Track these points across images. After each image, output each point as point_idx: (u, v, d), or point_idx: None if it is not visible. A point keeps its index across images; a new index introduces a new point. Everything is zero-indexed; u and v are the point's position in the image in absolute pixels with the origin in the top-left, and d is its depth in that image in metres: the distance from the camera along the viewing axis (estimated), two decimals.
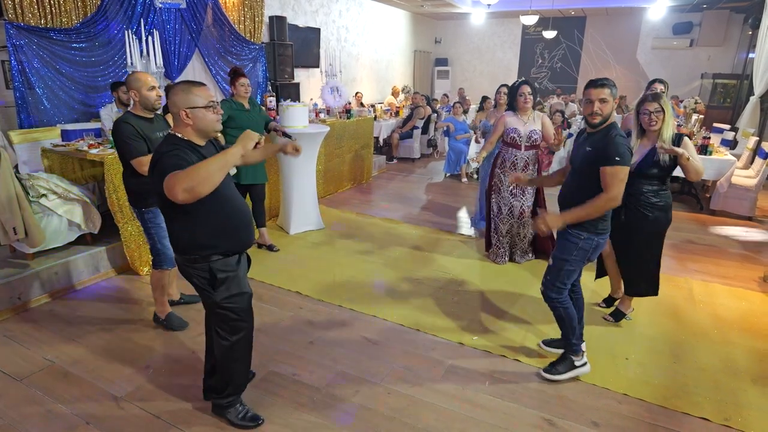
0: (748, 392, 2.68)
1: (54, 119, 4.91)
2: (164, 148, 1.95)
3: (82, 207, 3.83)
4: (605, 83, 2.43)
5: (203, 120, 2.00)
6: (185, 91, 1.98)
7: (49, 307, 3.49)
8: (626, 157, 2.38)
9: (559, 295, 2.63)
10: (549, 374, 2.73)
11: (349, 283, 3.94)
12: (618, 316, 3.39)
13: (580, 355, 2.75)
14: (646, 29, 12.24)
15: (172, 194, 1.78)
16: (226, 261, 2.13)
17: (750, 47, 10.01)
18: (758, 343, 3.18)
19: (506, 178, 4.17)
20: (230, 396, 2.34)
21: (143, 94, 2.82)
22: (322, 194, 6.21)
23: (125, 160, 2.85)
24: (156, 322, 3.25)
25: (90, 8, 5.09)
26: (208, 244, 2.07)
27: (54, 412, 2.45)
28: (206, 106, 1.99)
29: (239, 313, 2.21)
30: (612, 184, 2.37)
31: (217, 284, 2.11)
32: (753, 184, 5.71)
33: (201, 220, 2.03)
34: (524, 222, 4.24)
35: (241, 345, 2.26)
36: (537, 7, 10.95)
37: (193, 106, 1.98)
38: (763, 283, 4.08)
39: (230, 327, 2.21)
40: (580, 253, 2.54)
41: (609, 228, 2.58)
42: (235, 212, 2.13)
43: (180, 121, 2.00)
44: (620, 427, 2.41)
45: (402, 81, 13.03)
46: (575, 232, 2.52)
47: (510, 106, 4.30)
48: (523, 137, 4.06)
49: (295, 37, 8.55)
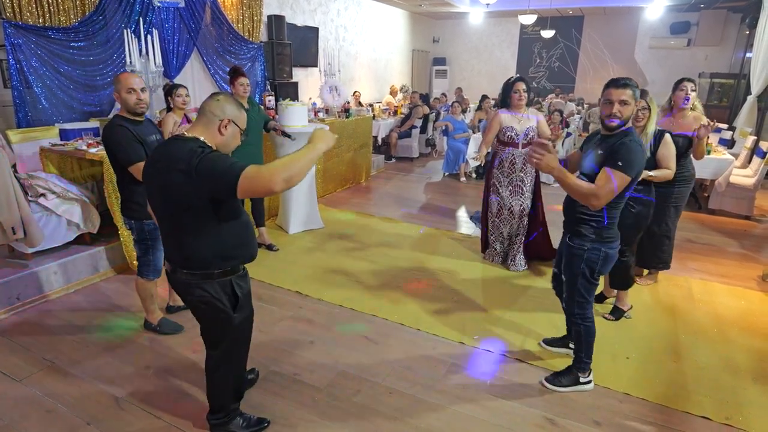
0: (749, 391, 2.69)
1: (52, 118, 4.88)
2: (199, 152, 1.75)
3: (80, 206, 3.81)
4: (628, 83, 2.26)
5: (231, 137, 1.92)
6: (237, 107, 1.93)
7: (48, 307, 3.47)
8: (632, 165, 2.19)
9: (582, 311, 2.52)
10: (552, 385, 2.68)
11: (349, 282, 3.94)
12: (617, 313, 3.40)
13: (587, 372, 2.68)
14: (643, 29, 12.26)
15: (270, 185, 1.66)
16: (243, 275, 2.04)
17: (747, 47, 10.04)
18: (758, 341, 3.19)
19: (505, 178, 4.14)
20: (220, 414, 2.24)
21: (122, 96, 2.68)
22: (321, 194, 6.20)
23: (121, 166, 2.70)
24: (148, 329, 3.17)
25: (88, 7, 5.06)
26: (233, 255, 1.94)
27: (54, 412, 2.44)
28: (241, 130, 1.95)
29: (248, 333, 2.15)
30: (602, 186, 2.18)
31: (239, 303, 2.00)
32: (751, 183, 5.73)
33: (230, 228, 1.91)
34: (523, 221, 4.19)
35: (239, 365, 2.21)
36: (535, 6, 10.95)
37: (236, 122, 1.92)
38: (762, 282, 4.10)
39: (239, 350, 2.15)
40: (589, 265, 2.40)
41: (617, 236, 2.43)
42: (246, 219, 2.04)
43: (216, 126, 1.87)
44: (621, 426, 2.42)
45: (400, 80, 13.03)
46: (577, 242, 2.42)
47: (503, 102, 4.15)
48: (520, 135, 4.02)
49: (294, 37, 8.53)
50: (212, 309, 1.98)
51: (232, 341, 2.10)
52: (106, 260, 3.97)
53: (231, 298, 1.99)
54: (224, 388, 2.20)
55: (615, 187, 2.19)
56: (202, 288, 1.94)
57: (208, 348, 2.14)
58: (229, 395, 2.22)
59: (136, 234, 2.91)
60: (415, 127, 9.06)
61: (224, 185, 1.71)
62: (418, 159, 9.25)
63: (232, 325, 2.03)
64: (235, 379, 2.22)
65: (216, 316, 2.00)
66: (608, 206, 2.31)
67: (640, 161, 2.24)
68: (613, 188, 2.19)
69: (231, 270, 1.97)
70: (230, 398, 2.23)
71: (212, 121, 1.88)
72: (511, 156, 4.07)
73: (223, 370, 2.14)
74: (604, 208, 2.30)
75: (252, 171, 1.69)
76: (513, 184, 4.12)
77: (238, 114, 1.92)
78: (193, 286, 1.94)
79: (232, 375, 2.18)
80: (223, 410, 2.23)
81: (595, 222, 2.37)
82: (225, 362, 2.13)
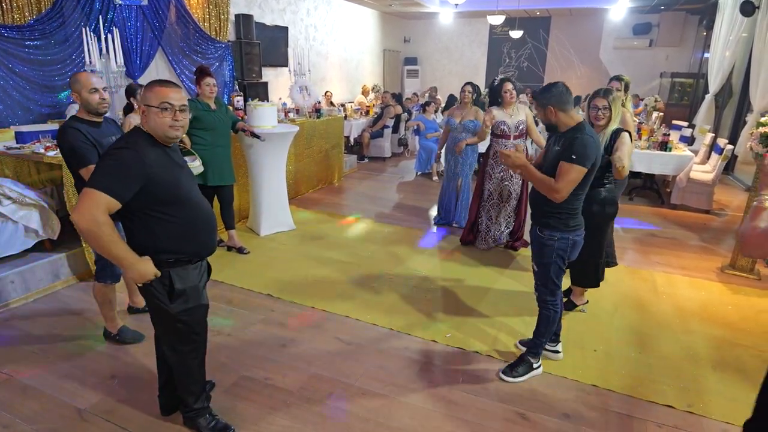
0: (709, 378, 2.79)
1: (7, 120, 4.69)
2: (116, 144, 1.91)
3: (39, 212, 3.66)
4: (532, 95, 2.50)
5: (153, 121, 1.89)
6: (146, 89, 1.92)
7: (5, 318, 3.32)
8: (583, 158, 2.32)
9: (554, 297, 2.66)
10: (509, 377, 2.73)
11: (322, 284, 3.91)
12: (569, 306, 3.47)
13: (538, 358, 2.78)
14: (608, 29, 12.59)
15: (76, 210, 1.76)
16: (186, 271, 2.04)
17: (705, 47, 10.44)
18: (717, 331, 3.32)
19: (498, 165, 4.48)
20: (193, 406, 2.26)
21: (83, 96, 2.60)
22: (293, 195, 6.14)
23: (74, 169, 2.65)
24: (107, 338, 3.07)
25: (44, 4, 4.88)
26: (171, 249, 1.97)
27: (12, 428, 2.33)
28: (158, 106, 1.87)
29: (194, 326, 2.13)
30: (560, 179, 2.36)
31: (174, 295, 2.02)
32: (710, 178, 5.95)
33: (164, 222, 1.94)
34: (511, 203, 4.59)
35: (194, 355, 2.18)
36: (503, 7, 11.11)
37: (147, 104, 1.89)
38: (721, 274, 4.26)
39: (182, 340, 2.13)
40: (560, 254, 2.55)
41: (581, 223, 2.58)
42: (200, 217, 2.04)
43: (143, 115, 1.92)
44: (590, 417, 2.47)
45: (372, 80, 13.02)
46: (547, 234, 2.54)
47: (494, 102, 4.59)
48: (512, 127, 4.41)
49: (263, 36, 8.42)
50: (149, 295, 2.03)
51: (172, 332, 2.10)
52: (67, 267, 3.82)
53: (168, 288, 2.00)
54: (185, 377, 2.21)
55: (572, 179, 2.36)
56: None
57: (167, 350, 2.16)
58: (195, 386, 2.23)
59: None
60: (387, 127, 9.07)
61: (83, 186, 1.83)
62: (390, 159, 9.26)
63: (170, 315, 2.03)
64: (197, 370, 2.22)
65: (152, 304, 2.05)
66: (570, 197, 2.43)
67: (593, 153, 2.37)
68: (570, 180, 2.36)
69: (163, 262, 1.97)
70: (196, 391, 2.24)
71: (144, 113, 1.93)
72: (503, 147, 4.43)
73: (177, 359, 2.16)
74: (568, 198, 2.42)
75: (90, 197, 1.75)
76: (505, 170, 4.48)
77: (146, 94, 1.90)
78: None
79: (185, 364, 2.17)
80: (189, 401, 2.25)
81: (560, 213, 2.50)
82: (173, 354, 2.15)
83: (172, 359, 2.17)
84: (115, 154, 1.83)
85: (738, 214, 5.96)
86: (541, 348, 2.76)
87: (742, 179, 7.72)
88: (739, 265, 4.26)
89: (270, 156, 4.73)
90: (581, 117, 2.54)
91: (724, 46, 8.22)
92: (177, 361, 2.17)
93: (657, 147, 6.22)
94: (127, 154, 1.81)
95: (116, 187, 1.77)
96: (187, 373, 2.20)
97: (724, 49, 8.25)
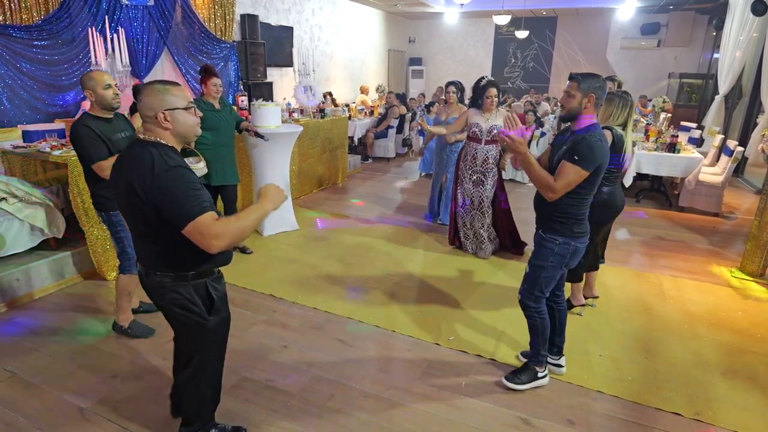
0: (718, 386, 2.74)
1: (15, 119, 4.71)
2: (162, 165, 1.69)
3: (45, 210, 3.67)
4: (573, 76, 2.34)
5: (184, 124, 1.79)
6: (162, 92, 1.76)
7: (10, 316, 3.33)
8: (586, 160, 2.21)
9: (537, 305, 2.54)
10: (511, 383, 2.67)
11: (324, 284, 3.89)
12: (568, 306, 3.41)
13: (543, 366, 2.69)
14: (615, 29, 12.50)
15: (210, 246, 1.66)
16: (219, 281, 1.98)
17: (714, 48, 10.33)
18: (726, 337, 3.27)
19: (467, 170, 4.39)
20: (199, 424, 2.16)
21: (99, 93, 2.71)
22: (297, 195, 6.14)
23: (86, 165, 2.74)
24: (117, 331, 3.09)
25: (52, 5, 4.90)
26: (209, 260, 1.86)
27: (15, 425, 2.34)
28: (186, 107, 1.80)
29: (224, 337, 2.08)
30: (558, 179, 2.25)
31: (213, 308, 1.92)
32: (719, 180, 5.88)
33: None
34: (483, 212, 4.45)
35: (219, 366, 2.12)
36: (509, 7, 11.06)
37: (172, 108, 1.76)
38: (729, 278, 4.20)
39: (219, 355, 2.08)
40: (557, 259, 2.43)
41: (587, 231, 2.46)
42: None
43: (157, 124, 1.77)
44: (595, 424, 2.43)
45: (376, 80, 13.00)
46: (549, 236, 2.43)
47: (474, 103, 4.41)
48: (484, 132, 4.29)
49: (268, 36, 8.43)
50: (186, 312, 1.90)
51: (207, 347, 2.02)
52: (72, 266, 3.83)
53: (206, 300, 1.93)
54: (200, 398, 2.11)
55: (571, 181, 2.24)
56: (175, 291, 1.88)
57: (183, 356, 2.06)
58: (207, 406, 2.15)
59: (109, 226, 2.95)
60: (391, 127, 9.05)
61: (175, 217, 1.68)
62: (394, 159, 9.24)
63: (207, 329, 1.96)
64: (212, 389, 2.14)
65: (190, 320, 1.92)
66: (577, 201, 2.34)
67: (600, 158, 2.23)
68: (568, 181, 2.24)
69: (204, 273, 1.91)
70: (207, 409, 2.15)
71: (150, 118, 1.78)
72: (474, 151, 4.36)
73: (199, 378, 2.06)
74: (573, 203, 2.34)
75: (203, 224, 1.66)
76: (476, 176, 4.38)
77: (167, 97, 1.76)
78: (167, 288, 1.87)
79: (209, 384, 2.10)
80: (199, 421, 2.14)
81: (566, 218, 2.39)
82: (200, 370, 2.04)
83: (195, 380, 2.05)
84: (176, 177, 1.70)
85: (748, 218, 5.87)
86: (541, 356, 2.67)
87: (752, 182, 7.62)
88: (749, 269, 4.19)
89: (274, 156, 4.72)
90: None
91: (735, 47, 8.13)
92: (201, 380, 2.06)
93: (665, 149, 6.15)
94: (183, 172, 1.73)
95: (202, 202, 1.70)
96: (203, 394, 2.11)
97: (734, 49, 8.16)
